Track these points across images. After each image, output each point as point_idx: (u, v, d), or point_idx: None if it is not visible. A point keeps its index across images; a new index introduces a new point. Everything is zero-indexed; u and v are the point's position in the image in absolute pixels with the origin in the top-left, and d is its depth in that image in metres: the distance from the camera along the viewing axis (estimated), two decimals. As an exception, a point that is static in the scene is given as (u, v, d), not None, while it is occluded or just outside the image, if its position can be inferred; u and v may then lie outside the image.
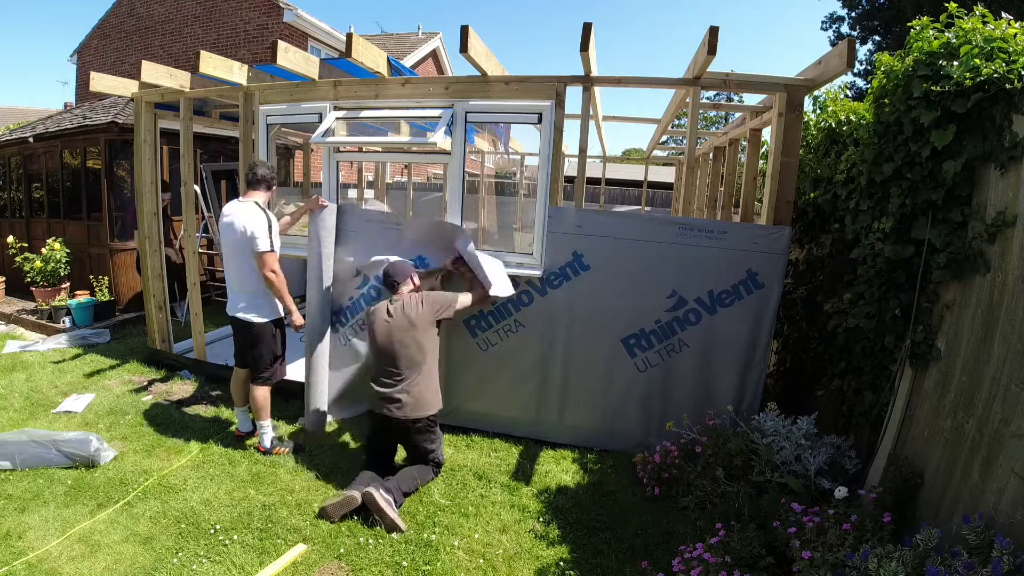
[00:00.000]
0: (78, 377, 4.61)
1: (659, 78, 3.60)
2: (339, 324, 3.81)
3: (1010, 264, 2.04)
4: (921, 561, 1.86)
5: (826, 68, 3.17)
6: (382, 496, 2.76)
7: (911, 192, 2.50)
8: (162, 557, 2.49)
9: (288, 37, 12.05)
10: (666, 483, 3.13)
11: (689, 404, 3.48)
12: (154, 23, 13.73)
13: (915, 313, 2.58)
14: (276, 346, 3.47)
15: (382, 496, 2.76)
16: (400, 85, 3.84)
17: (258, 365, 3.43)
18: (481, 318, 3.73)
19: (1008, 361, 1.99)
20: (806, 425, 2.96)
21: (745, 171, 4.72)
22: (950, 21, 2.47)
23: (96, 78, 4.41)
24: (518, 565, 2.56)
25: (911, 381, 2.61)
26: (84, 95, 14.00)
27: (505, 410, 3.82)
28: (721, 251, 3.38)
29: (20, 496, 2.89)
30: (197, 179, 5.45)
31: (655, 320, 3.50)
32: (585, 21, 3.05)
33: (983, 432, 2.07)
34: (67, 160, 6.94)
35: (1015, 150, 2.06)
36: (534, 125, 3.62)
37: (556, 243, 3.57)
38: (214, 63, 3.89)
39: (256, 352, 3.41)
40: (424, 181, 14.96)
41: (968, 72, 2.20)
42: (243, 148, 4.28)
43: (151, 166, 4.78)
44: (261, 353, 3.41)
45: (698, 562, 2.31)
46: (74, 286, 6.44)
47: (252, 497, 2.99)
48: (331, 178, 4.02)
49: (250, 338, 3.40)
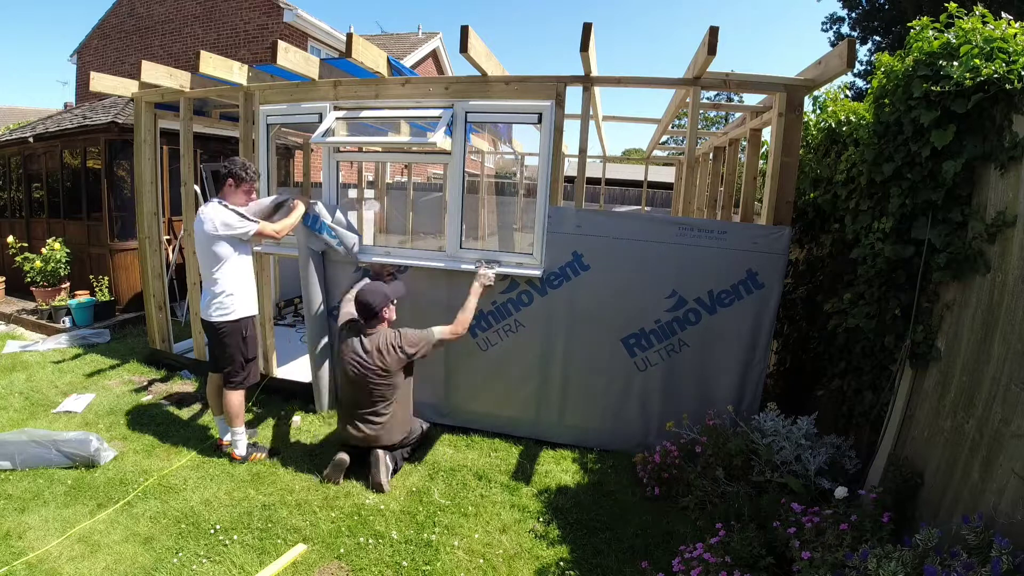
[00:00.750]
0: (78, 377, 4.61)
1: (659, 78, 3.60)
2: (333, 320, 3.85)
3: (1010, 264, 2.04)
4: (920, 561, 1.86)
5: (826, 68, 3.17)
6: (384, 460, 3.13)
7: (911, 192, 2.50)
8: (162, 557, 2.49)
9: (288, 37, 12.05)
10: (666, 483, 3.13)
11: (689, 404, 3.48)
12: (154, 23, 13.73)
13: (915, 313, 2.58)
14: (246, 348, 3.40)
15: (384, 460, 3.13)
16: (400, 85, 3.84)
17: (229, 367, 3.36)
18: (481, 318, 3.73)
19: (1008, 361, 1.99)
20: (806, 425, 2.96)
21: (745, 171, 4.71)
22: (950, 21, 2.46)
23: (96, 78, 4.41)
24: (518, 565, 2.56)
25: (911, 381, 2.62)
26: (84, 95, 14.00)
27: (505, 410, 3.82)
28: (721, 251, 3.38)
29: (20, 496, 2.89)
30: (197, 179, 5.44)
31: (655, 320, 3.50)
32: (585, 21, 3.06)
33: (983, 432, 2.07)
34: (67, 160, 6.94)
35: (1015, 150, 2.06)
36: (534, 125, 3.62)
37: (556, 243, 3.57)
38: (214, 63, 3.89)
39: (226, 354, 3.35)
40: (424, 181, 14.96)
41: (968, 72, 2.20)
42: (243, 148, 4.28)
43: (151, 166, 4.78)
44: (231, 355, 3.35)
45: (698, 562, 2.31)
46: (74, 286, 6.44)
47: (252, 497, 2.99)
48: (331, 178, 4.02)
49: (218, 339, 3.35)
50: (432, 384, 3.92)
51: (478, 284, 3.48)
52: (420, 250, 4.14)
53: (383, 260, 3.87)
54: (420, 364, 3.91)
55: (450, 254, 3.78)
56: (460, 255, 3.75)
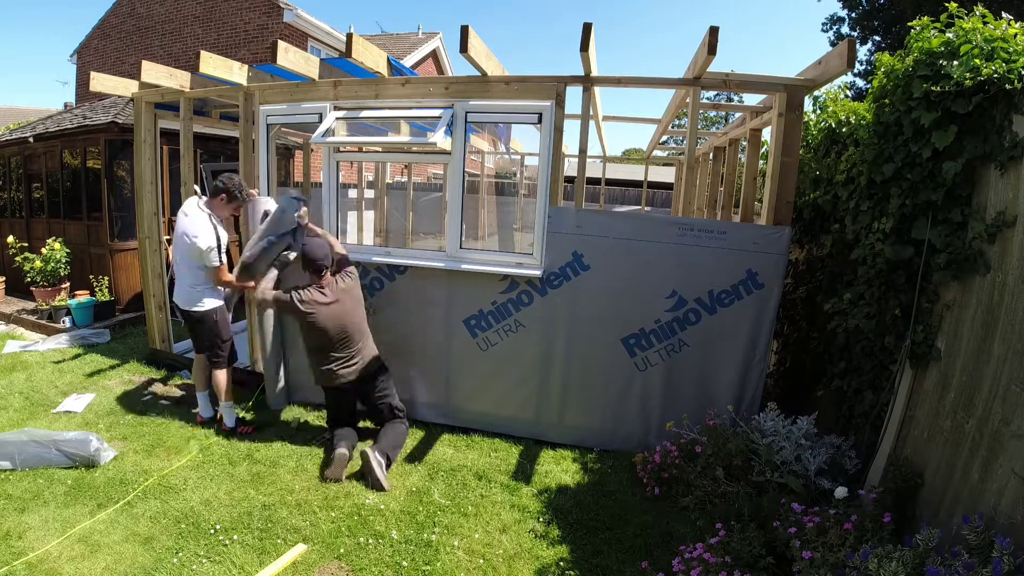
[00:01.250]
0: (78, 377, 4.60)
1: (659, 78, 3.60)
2: None
3: (1010, 264, 2.04)
4: (921, 561, 1.86)
5: (826, 68, 3.17)
6: (375, 458, 3.15)
7: (911, 192, 2.50)
8: (162, 557, 2.49)
9: (288, 37, 12.05)
10: (666, 483, 3.13)
11: (689, 404, 3.48)
12: (154, 23, 13.73)
13: (915, 313, 2.58)
14: (220, 330, 3.73)
15: (375, 458, 3.15)
16: (400, 85, 3.84)
17: (207, 351, 3.74)
18: (481, 318, 3.74)
19: (1008, 361, 1.99)
20: (806, 425, 2.96)
21: (745, 171, 4.71)
22: (950, 21, 2.46)
23: (96, 78, 4.41)
24: (518, 565, 2.56)
25: (911, 381, 2.62)
26: (84, 95, 14.00)
27: (505, 410, 3.82)
28: (721, 251, 3.38)
29: (20, 496, 2.89)
30: (197, 179, 5.44)
31: (655, 320, 3.50)
32: (585, 22, 3.06)
33: (983, 432, 2.07)
34: (67, 160, 6.93)
35: (1015, 150, 2.06)
36: (534, 125, 3.62)
37: (556, 243, 3.57)
38: (214, 63, 3.89)
39: (201, 338, 3.75)
40: (424, 181, 14.96)
41: (968, 72, 2.20)
42: (243, 148, 4.28)
43: (151, 166, 4.78)
44: (207, 338, 3.72)
45: (698, 562, 2.31)
46: (74, 286, 6.44)
47: (252, 497, 2.99)
48: (331, 178, 4.02)
49: (193, 324, 3.74)
50: (432, 384, 3.92)
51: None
52: (420, 250, 4.15)
53: (384, 260, 3.87)
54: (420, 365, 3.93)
55: (450, 254, 3.78)
56: (460, 255, 3.76)
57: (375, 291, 3.92)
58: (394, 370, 3.70)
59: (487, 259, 3.79)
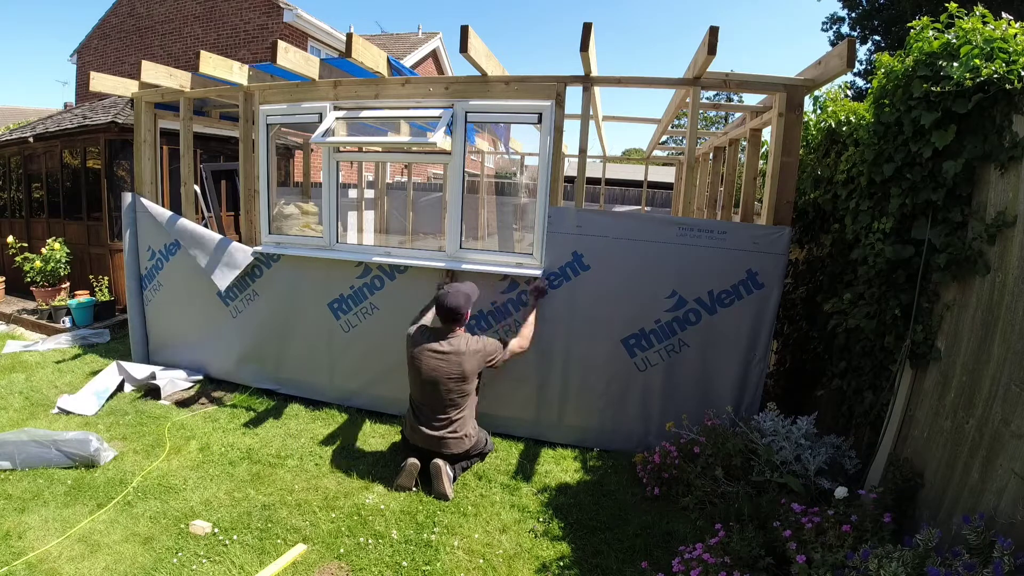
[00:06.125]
0: (78, 377, 4.60)
1: (659, 78, 3.60)
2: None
3: (1010, 264, 2.04)
4: (921, 561, 1.86)
5: (826, 68, 3.17)
6: (447, 471, 3.09)
7: (911, 192, 2.50)
8: (162, 557, 2.49)
9: (288, 37, 12.05)
10: (666, 483, 3.13)
11: (689, 404, 3.48)
12: (154, 23, 13.72)
13: (915, 313, 2.58)
14: None
15: (447, 471, 3.09)
16: (400, 85, 3.84)
17: None
18: (481, 318, 3.74)
19: (1008, 361, 1.99)
20: (806, 425, 2.96)
21: (745, 171, 4.71)
22: (950, 21, 2.46)
23: (96, 78, 4.41)
24: (518, 565, 2.56)
25: (911, 381, 2.62)
26: (84, 95, 14.00)
27: (505, 409, 3.82)
28: (721, 251, 3.38)
29: (20, 496, 2.89)
30: (197, 179, 5.45)
31: (655, 320, 3.50)
32: (585, 22, 3.06)
33: (983, 432, 2.07)
34: (67, 160, 6.94)
35: (1015, 150, 2.06)
36: (534, 125, 3.62)
37: (556, 243, 3.57)
38: (214, 63, 3.89)
39: None
40: (424, 181, 14.95)
41: (968, 72, 2.20)
42: (243, 148, 4.28)
43: (151, 166, 4.78)
44: None
45: (698, 562, 2.31)
46: (74, 286, 6.44)
47: (252, 497, 2.99)
48: (331, 178, 4.02)
49: None
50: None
51: (533, 298, 3.56)
52: (420, 250, 4.14)
53: (384, 260, 3.86)
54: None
55: (450, 254, 3.78)
56: (460, 255, 3.75)
57: (375, 290, 3.92)
58: (392, 370, 3.68)
59: (487, 259, 3.79)
